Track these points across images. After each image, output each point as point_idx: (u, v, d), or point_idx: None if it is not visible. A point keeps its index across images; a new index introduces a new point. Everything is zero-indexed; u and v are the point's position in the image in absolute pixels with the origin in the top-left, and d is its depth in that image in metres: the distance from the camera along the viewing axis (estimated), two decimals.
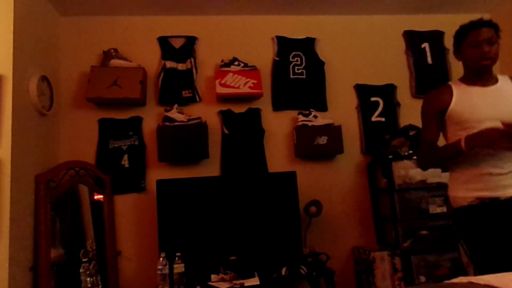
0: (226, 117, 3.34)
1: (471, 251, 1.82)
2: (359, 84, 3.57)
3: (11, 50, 2.48)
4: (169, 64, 3.33)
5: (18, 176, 2.47)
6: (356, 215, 3.40)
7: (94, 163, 3.12)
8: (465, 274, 1.82)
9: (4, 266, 2.28)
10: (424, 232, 3.03)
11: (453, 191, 1.98)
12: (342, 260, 3.30)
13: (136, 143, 3.21)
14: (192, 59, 3.37)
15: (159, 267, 2.58)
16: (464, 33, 2.05)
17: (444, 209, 3.01)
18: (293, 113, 3.40)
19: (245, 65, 3.30)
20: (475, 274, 1.72)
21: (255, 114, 3.38)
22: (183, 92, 3.31)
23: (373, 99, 3.56)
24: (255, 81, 3.26)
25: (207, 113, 3.31)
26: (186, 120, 3.13)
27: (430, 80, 3.61)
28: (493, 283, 0.66)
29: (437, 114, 1.99)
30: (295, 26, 3.58)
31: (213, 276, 2.72)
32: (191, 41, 3.43)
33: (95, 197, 3.03)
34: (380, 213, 3.31)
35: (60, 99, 3.18)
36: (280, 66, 3.49)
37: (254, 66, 3.32)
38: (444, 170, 2.05)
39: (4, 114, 2.41)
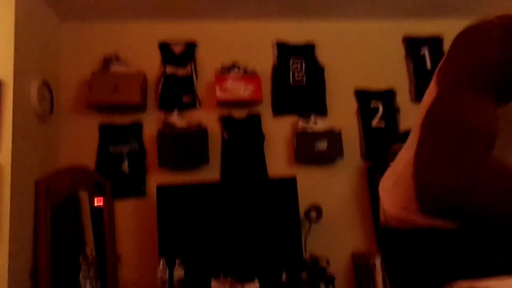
0: (226, 122, 3.34)
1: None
2: (359, 89, 3.58)
3: (12, 55, 2.49)
4: (169, 69, 3.34)
5: (18, 181, 2.47)
6: (357, 220, 3.39)
7: (94, 169, 3.12)
8: None
9: (4, 271, 2.28)
10: None
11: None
12: (343, 266, 3.29)
13: (136, 148, 3.21)
14: (192, 65, 3.38)
15: (159, 272, 2.58)
16: None
17: None
18: (293, 119, 3.41)
19: (245, 70, 3.31)
20: None
21: (255, 120, 3.38)
22: (183, 97, 3.32)
23: (373, 104, 3.56)
24: (255, 87, 3.27)
25: (207, 118, 3.31)
26: (186, 125, 3.14)
27: None
28: None
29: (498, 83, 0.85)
30: (295, 32, 3.59)
31: (213, 281, 2.71)
32: (191, 46, 3.44)
33: (95, 202, 3.03)
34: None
35: (60, 104, 3.18)
36: (280, 72, 3.50)
37: (254, 71, 3.33)
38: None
39: (4, 119, 2.42)
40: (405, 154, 1.21)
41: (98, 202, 3.03)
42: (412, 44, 3.72)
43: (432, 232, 1.18)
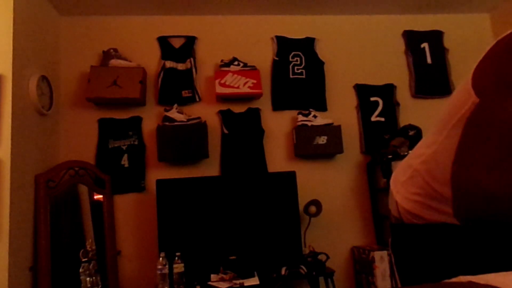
0: (225, 117, 3.34)
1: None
2: (358, 84, 3.57)
3: (11, 50, 2.48)
4: (169, 64, 3.33)
5: (18, 176, 2.47)
6: (356, 214, 3.40)
7: (94, 163, 3.12)
8: None
9: (4, 265, 2.28)
10: None
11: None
12: (342, 260, 3.30)
13: (136, 143, 3.21)
14: (192, 59, 3.37)
15: (159, 267, 2.59)
16: None
17: None
18: (293, 113, 3.40)
19: (245, 65, 3.30)
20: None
21: (255, 114, 3.38)
22: (183, 92, 3.31)
23: (372, 99, 3.56)
24: (254, 81, 3.26)
25: (207, 113, 3.31)
26: (185, 120, 3.13)
27: (430, 80, 3.62)
28: (493, 283, 0.65)
29: None
30: (295, 26, 3.58)
31: (212, 276, 2.72)
32: (190, 41, 3.43)
33: (95, 197, 3.03)
34: (380, 212, 3.31)
35: (59, 99, 3.18)
36: (279, 66, 3.49)
37: (253, 66, 3.32)
38: None
39: (4, 114, 2.41)
40: (424, 149, 1.21)
41: (97, 196, 3.03)
42: (412, 39, 3.71)
43: (444, 228, 1.18)
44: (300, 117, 3.29)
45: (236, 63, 3.29)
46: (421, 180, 1.22)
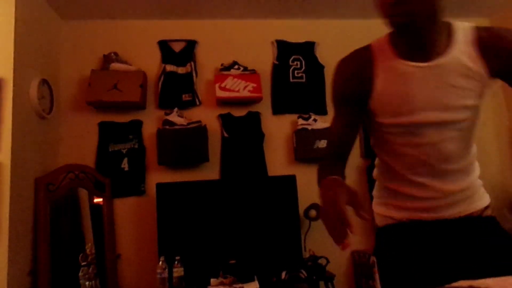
0: (226, 120, 3.34)
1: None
2: None
3: (12, 54, 2.49)
4: (169, 67, 3.34)
5: (18, 179, 2.47)
6: (356, 218, 3.36)
7: (94, 167, 3.12)
8: None
9: (3, 269, 2.28)
10: None
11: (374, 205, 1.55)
12: (342, 264, 3.29)
13: (136, 146, 3.21)
14: (192, 63, 3.38)
15: (159, 270, 2.58)
16: None
17: None
18: (293, 117, 3.41)
19: (245, 68, 3.30)
20: None
21: (255, 118, 3.38)
22: (183, 95, 3.31)
23: None
24: (255, 85, 3.27)
25: (207, 116, 3.31)
26: (186, 123, 3.13)
27: None
28: (494, 287, 0.66)
29: (350, 100, 1.34)
30: (295, 30, 3.58)
31: (212, 280, 2.71)
32: (191, 45, 3.43)
33: (95, 200, 3.03)
34: None
35: (60, 102, 3.18)
36: (280, 70, 3.50)
37: (254, 69, 3.32)
38: None
39: (4, 117, 2.42)
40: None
41: (97, 200, 3.03)
42: None
43: (411, 225, 1.30)
44: (300, 121, 3.30)
45: (236, 67, 3.29)
46: (378, 183, 1.58)
